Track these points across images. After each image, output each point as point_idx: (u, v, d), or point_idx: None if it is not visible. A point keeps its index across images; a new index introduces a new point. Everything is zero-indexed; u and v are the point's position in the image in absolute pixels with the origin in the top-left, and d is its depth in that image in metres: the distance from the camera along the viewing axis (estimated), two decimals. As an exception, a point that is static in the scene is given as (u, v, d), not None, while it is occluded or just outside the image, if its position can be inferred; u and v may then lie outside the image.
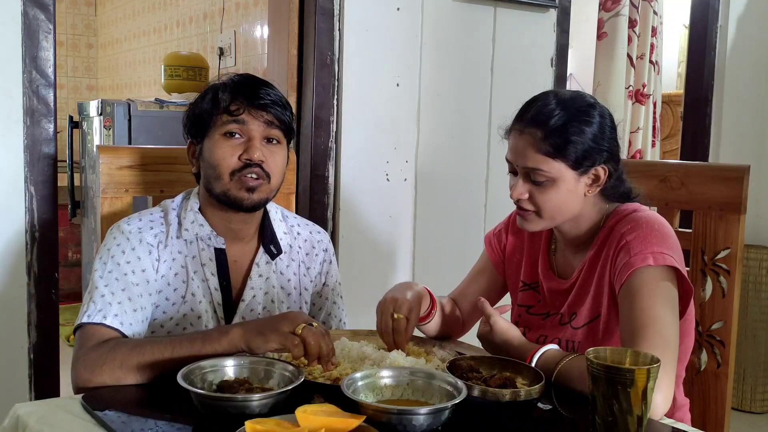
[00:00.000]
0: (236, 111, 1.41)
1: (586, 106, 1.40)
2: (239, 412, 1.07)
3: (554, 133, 1.36)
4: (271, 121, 1.43)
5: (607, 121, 1.42)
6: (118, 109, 3.20)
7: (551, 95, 1.42)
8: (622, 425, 1.04)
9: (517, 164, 1.41)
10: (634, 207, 1.45)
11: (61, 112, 2.71)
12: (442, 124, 2.67)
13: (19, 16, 1.97)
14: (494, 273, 1.66)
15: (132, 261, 1.41)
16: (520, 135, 1.40)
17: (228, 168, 1.41)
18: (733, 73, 3.51)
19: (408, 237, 2.65)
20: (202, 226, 1.47)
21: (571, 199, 1.41)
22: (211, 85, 1.49)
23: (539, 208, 1.41)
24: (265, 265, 1.53)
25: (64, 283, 3.13)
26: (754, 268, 3.39)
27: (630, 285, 1.33)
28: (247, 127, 1.42)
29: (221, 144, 1.42)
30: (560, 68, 2.93)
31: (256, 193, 1.43)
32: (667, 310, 1.31)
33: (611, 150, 1.41)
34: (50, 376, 2.08)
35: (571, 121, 1.37)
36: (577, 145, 1.36)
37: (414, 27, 2.58)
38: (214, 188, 1.44)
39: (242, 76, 1.48)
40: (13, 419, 1.17)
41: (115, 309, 1.35)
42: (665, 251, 1.34)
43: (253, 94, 1.43)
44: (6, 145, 1.98)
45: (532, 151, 1.37)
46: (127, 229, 1.44)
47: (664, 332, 1.28)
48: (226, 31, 4.08)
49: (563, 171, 1.38)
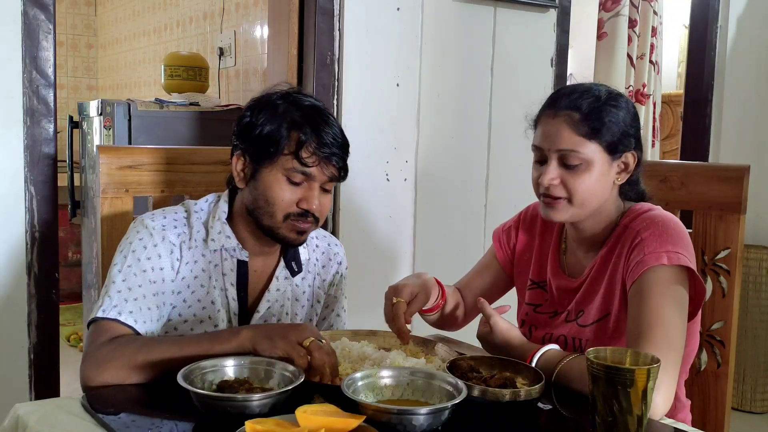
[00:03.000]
0: (307, 160, 1.36)
1: (616, 94, 1.45)
2: (239, 412, 1.07)
3: (591, 115, 1.38)
4: (337, 175, 1.40)
5: (632, 109, 1.46)
6: (118, 109, 3.20)
7: (579, 86, 1.45)
8: (622, 425, 1.04)
9: (550, 148, 1.40)
10: (648, 206, 1.45)
11: (61, 112, 2.71)
12: (442, 124, 2.67)
13: (19, 16, 1.97)
14: (500, 269, 1.66)
15: (153, 258, 1.40)
16: (554, 118, 1.41)
17: (284, 211, 1.38)
18: (733, 73, 3.51)
19: (408, 237, 2.65)
20: (229, 238, 1.45)
21: (602, 185, 1.41)
22: (270, 102, 1.41)
23: (571, 194, 1.40)
24: (284, 281, 1.52)
25: (64, 283, 3.12)
26: (754, 268, 3.39)
27: (641, 283, 1.33)
28: (311, 178, 1.38)
29: (282, 185, 1.38)
30: (560, 68, 2.93)
31: (305, 235, 1.42)
32: (676, 311, 1.30)
33: (638, 137, 1.45)
34: (50, 376, 2.08)
35: (606, 104, 1.40)
36: (612, 127, 1.39)
37: (414, 27, 2.58)
38: (261, 219, 1.41)
39: (311, 109, 1.40)
40: (13, 419, 1.17)
41: (131, 306, 1.35)
42: (680, 251, 1.34)
43: (325, 140, 1.37)
44: (6, 145, 1.98)
45: (569, 132, 1.38)
46: (151, 225, 1.43)
47: (670, 334, 1.27)
48: (226, 31, 4.08)
49: (598, 154, 1.39)
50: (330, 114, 1.43)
